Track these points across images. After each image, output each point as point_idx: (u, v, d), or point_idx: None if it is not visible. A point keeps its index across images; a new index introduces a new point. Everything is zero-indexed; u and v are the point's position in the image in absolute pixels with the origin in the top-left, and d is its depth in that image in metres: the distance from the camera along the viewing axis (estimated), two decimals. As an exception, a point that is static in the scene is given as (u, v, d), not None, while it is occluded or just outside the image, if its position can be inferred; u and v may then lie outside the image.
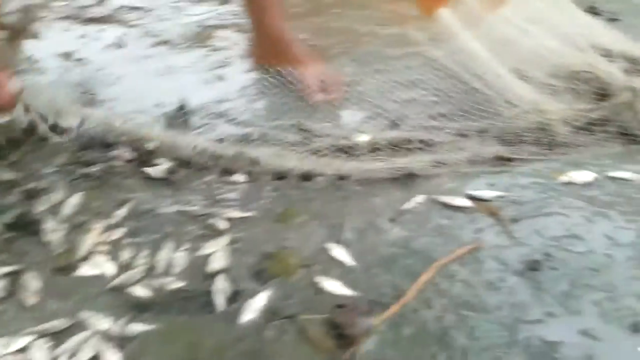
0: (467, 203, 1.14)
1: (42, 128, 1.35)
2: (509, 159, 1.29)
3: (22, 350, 0.84)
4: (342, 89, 1.55)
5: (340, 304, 0.90)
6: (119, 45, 1.87)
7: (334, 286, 0.95)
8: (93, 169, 1.23)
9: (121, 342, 0.86)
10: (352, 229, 1.08)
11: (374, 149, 1.31)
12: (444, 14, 1.46)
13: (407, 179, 1.22)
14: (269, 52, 1.61)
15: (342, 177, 1.22)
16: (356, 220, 1.10)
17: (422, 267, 0.99)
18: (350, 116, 1.46)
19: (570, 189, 1.19)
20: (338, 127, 1.39)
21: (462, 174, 1.24)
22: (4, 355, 0.83)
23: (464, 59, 1.54)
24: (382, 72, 1.68)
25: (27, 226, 1.09)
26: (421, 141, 1.35)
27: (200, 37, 1.94)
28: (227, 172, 1.25)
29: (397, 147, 1.31)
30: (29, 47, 1.51)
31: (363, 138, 1.32)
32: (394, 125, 1.43)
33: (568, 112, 1.47)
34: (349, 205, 1.15)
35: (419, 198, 1.16)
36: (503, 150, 1.31)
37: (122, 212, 1.13)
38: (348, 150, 1.31)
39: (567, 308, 0.91)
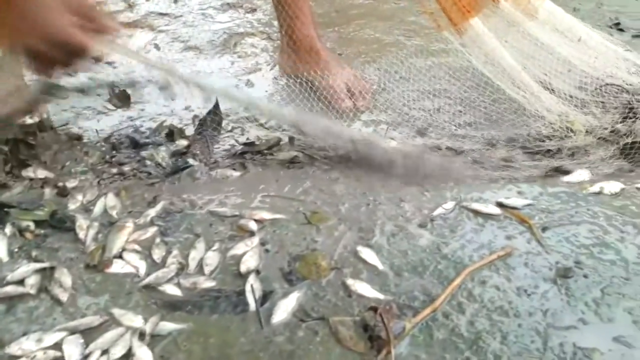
0: (497, 210, 1.14)
1: (74, 127, 1.38)
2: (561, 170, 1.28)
3: (55, 346, 0.85)
4: (369, 96, 1.56)
5: (372, 306, 0.89)
6: (148, 50, 1.90)
7: (364, 289, 0.95)
8: (124, 168, 1.25)
9: (153, 340, 0.86)
10: (382, 233, 1.08)
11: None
12: (474, 24, 1.47)
13: (436, 186, 1.22)
14: (297, 59, 1.63)
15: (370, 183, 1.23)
16: (386, 225, 1.10)
17: (453, 272, 0.99)
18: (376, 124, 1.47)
19: (599, 198, 1.18)
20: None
21: (490, 182, 1.24)
22: (37, 350, 0.84)
23: (493, 69, 1.55)
24: (408, 81, 1.70)
25: (59, 223, 1.10)
26: (448, 148, 1.35)
27: (228, 43, 1.97)
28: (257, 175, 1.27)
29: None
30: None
31: (391, 144, 1.32)
32: (421, 133, 1.43)
33: (595, 124, 1.47)
34: (379, 210, 1.15)
35: (449, 204, 1.15)
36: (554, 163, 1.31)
37: (153, 211, 1.14)
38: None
39: (599, 315, 0.90)
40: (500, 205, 1.15)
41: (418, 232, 1.08)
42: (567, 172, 1.28)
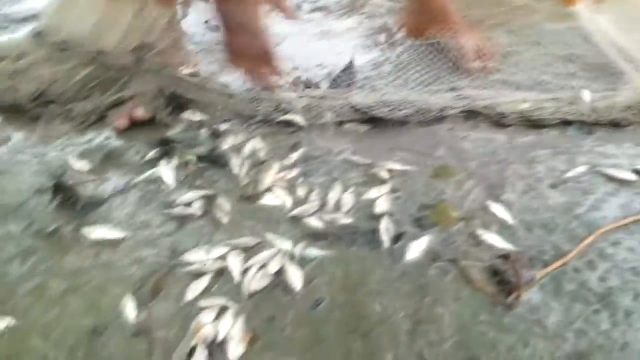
0: (633, 177, 1.13)
1: (221, 78, 1.53)
2: None
3: (221, 258, 0.99)
4: (497, 58, 1.56)
5: (503, 254, 0.95)
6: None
7: (494, 239, 1.00)
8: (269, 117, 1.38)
9: (301, 262, 0.98)
10: (512, 190, 1.12)
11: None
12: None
13: (569, 149, 1.23)
14: (426, 20, 1.65)
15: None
16: (516, 183, 1.13)
17: (584, 232, 1.01)
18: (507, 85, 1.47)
19: None
20: (496, 94, 1.40)
21: (625, 149, 1.22)
22: (207, 260, 0.99)
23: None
24: (539, 44, 1.67)
25: (217, 159, 1.25)
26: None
27: (356, 4, 2.03)
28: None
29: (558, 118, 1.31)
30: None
31: (523, 106, 1.33)
32: (555, 99, 1.41)
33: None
34: (509, 169, 1.18)
35: (582, 168, 1.16)
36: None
37: (295, 155, 1.26)
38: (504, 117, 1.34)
39: None
40: (636, 172, 1.14)
41: (549, 192, 1.11)
42: None
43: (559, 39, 1.68)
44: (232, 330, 0.86)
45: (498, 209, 1.07)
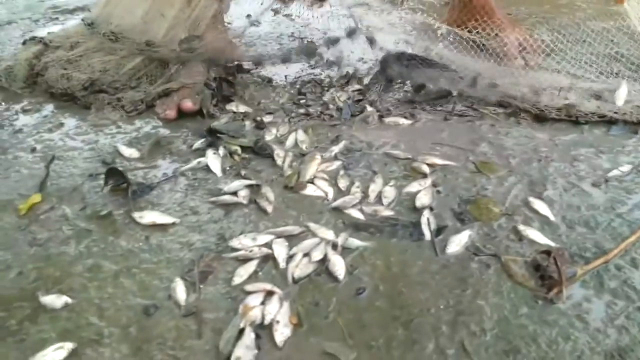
0: (679, 178, 1.12)
1: (265, 71, 1.57)
2: None
3: (266, 245, 1.03)
4: (540, 56, 1.56)
5: (545, 250, 0.96)
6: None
7: (536, 235, 1.01)
8: (310, 110, 1.41)
9: (343, 251, 1.01)
10: (554, 187, 1.12)
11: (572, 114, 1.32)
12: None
13: (612, 148, 1.22)
14: (469, 17, 1.65)
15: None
16: (558, 181, 1.14)
17: (627, 230, 1.01)
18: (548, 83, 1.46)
19: None
20: (536, 90, 1.40)
21: (672, 151, 1.21)
22: (253, 246, 1.02)
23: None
24: (583, 43, 1.65)
25: (261, 150, 1.29)
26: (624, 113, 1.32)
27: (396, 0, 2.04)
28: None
29: (600, 116, 1.31)
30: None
31: (565, 103, 1.33)
32: (597, 96, 1.41)
33: None
34: (550, 166, 1.18)
35: (625, 168, 1.15)
36: None
37: (336, 148, 1.28)
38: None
39: None
40: (683, 173, 1.13)
41: (591, 190, 1.11)
42: None
43: (604, 37, 1.66)
44: (278, 314, 0.89)
45: (540, 206, 1.07)
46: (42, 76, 1.55)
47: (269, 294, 0.93)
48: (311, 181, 1.18)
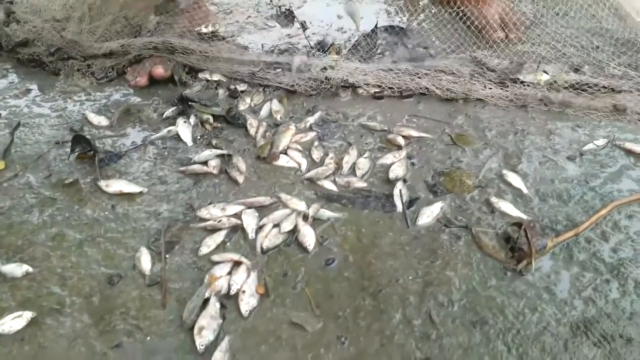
0: (653, 152, 1.11)
1: (241, 39, 1.52)
2: None
3: (235, 215, 1.01)
4: (522, 29, 1.53)
5: (516, 222, 0.95)
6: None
7: (508, 208, 1.00)
8: (284, 79, 1.37)
9: (314, 222, 0.99)
10: (529, 161, 1.11)
11: (551, 88, 1.30)
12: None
13: (589, 122, 1.21)
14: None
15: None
16: (533, 154, 1.13)
17: (599, 204, 1.00)
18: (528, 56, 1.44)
19: None
20: (515, 64, 1.38)
21: (647, 125, 1.20)
22: (222, 216, 1.00)
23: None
24: (565, 17, 1.63)
25: (233, 119, 1.25)
26: (604, 87, 1.31)
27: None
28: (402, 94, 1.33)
29: (578, 89, 1.29)
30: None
31: (544, 77, 1.31)
32: (575, 69, 1.39)
33: None
34: (526, 139, 1.17)
35: (601, 141, 1.15)
36: None
37: (311, 119, 1.25)
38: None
39: None
40: (657, 147, 1.12)
41: (566, 163, 1.10)
42: None
43: (586, 12, 1.64)
44: (244, 284, 0.87)
45: (514, 178, 1.06)
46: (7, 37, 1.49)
47: (237, 264, 0.92)
48: (284, 152, 1.16)
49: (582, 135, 1.18)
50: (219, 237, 0.96)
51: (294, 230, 0.97)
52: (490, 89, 1.33)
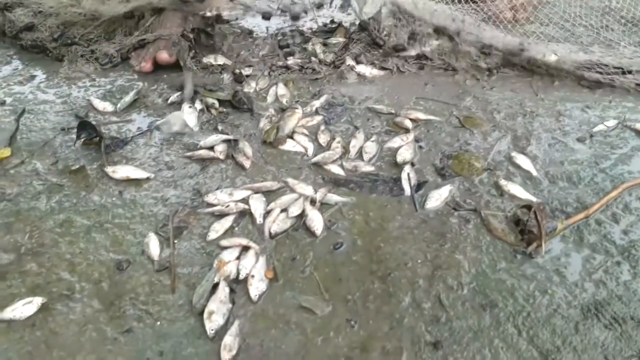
0: (664, 133, 1.10)
1: (245, 23, 1.50)
2: None
3: (243, 200, 1.00)
4: (530, 9, 1.51)
5: (526, 204, 0.94)
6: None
7: (517, 190, 0.99)
8: (290, 62, 1.36)
9: (322, 207, 0.99)
10: (538, 143, 1.10)
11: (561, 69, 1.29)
12: None
13: (599, 103, 1.19)
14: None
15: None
16: (542, 136, 1.11)
17: (609, 185, 0.99)
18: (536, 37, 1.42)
19: None
20: (525, 44, 1.36)
21: (659, 106, 1.19)
22: (230, 201, 1.00)
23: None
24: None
25: (239, 104, 1.24)
26: (615, 67, 1.29)
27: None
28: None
29: (586, 69, 1.27)
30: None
31: (552, 58, 1.29)
32: (584, 49, 1.37)
33: None
34: (535, 121, 1.16)
35: (611, 122, 1.13)
36: None
37: (318, 102, 1.24)
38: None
39: None
40: (668, 128, 1.11)
41: (576, 145, 1.09)
42: None
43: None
44: (253, 269, 0.87)
45: (523, 161, 1.05)
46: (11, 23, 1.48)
47: (245, 249, 0.91)
48: (291, 136, 1.15)
49: (592, 116, 1.16)
50: (227, 222, 0.96)
51: (302, 215, 0.97)
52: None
